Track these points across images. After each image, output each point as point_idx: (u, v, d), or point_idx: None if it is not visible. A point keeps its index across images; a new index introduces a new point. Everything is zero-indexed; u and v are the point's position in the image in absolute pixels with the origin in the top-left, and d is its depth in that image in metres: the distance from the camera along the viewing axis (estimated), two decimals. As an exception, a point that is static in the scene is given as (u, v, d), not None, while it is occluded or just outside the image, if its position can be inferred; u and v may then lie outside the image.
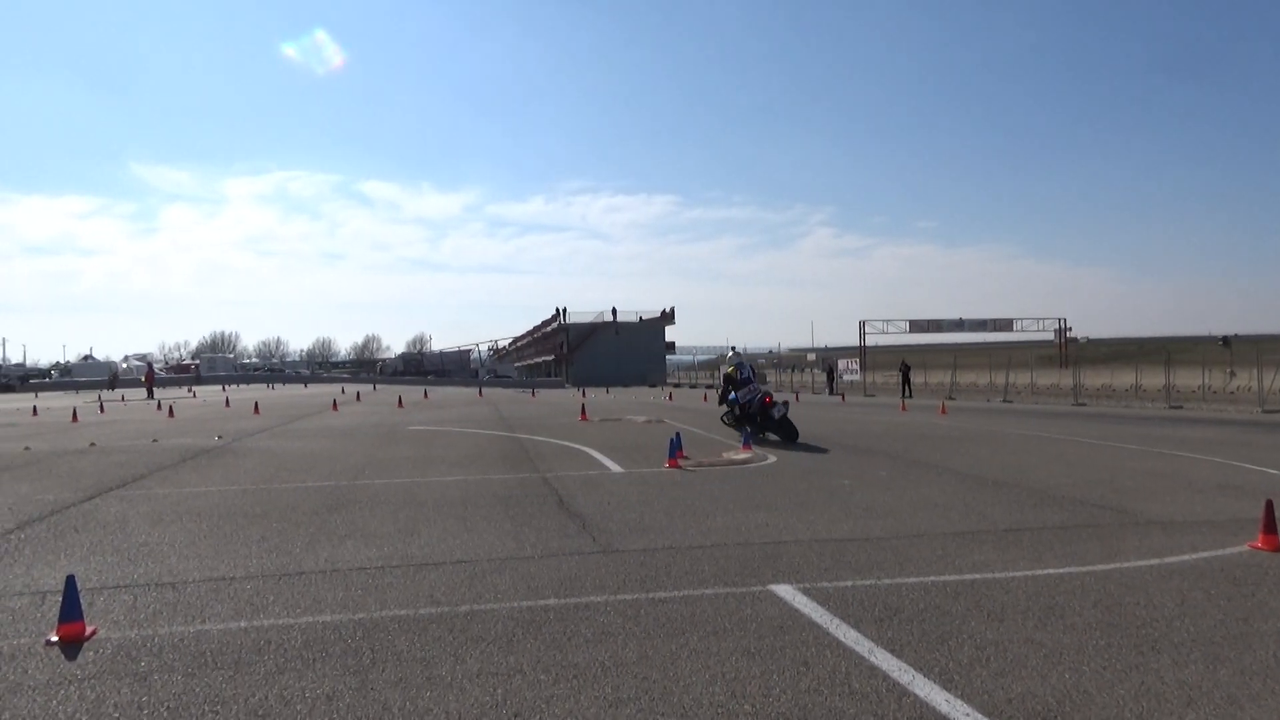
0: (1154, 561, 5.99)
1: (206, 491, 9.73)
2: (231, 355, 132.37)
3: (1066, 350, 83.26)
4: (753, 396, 16.12)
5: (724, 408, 17.42)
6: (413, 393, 48.40)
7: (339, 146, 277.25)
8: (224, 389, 60.72)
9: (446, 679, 3.83)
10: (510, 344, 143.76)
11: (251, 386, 70.98)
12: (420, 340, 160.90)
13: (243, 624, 4.68)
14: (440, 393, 52.39)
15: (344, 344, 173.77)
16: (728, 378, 17.09)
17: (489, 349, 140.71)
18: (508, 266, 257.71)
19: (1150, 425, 20.53)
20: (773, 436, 15.61)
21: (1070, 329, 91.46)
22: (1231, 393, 39.38)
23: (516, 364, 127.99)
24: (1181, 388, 37.34)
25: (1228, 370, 46.91)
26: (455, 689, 3.72)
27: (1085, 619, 4.64)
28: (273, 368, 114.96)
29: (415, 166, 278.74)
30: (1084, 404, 33.75)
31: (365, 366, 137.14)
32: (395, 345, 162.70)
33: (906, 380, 43.47)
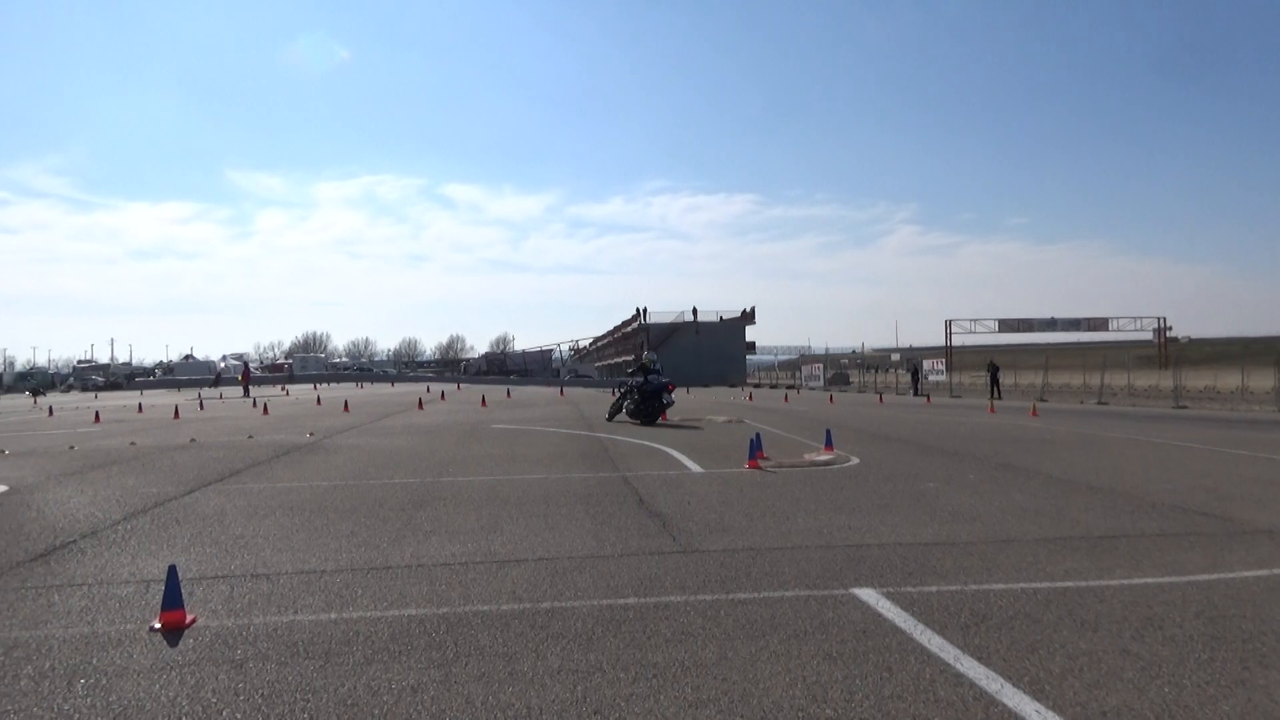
0: (1262, 573, 5.70)
1: (299, 486, 10.05)
2: (322, 355, 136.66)
3: (1166, 350, 79.96)
4: (659, 383, 20.71)
5: (623, 395, 21.33)
6: (495, 392, 49.18)
7: (423, 150, 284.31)
8: (315, 387, 62.72)
9: (528, 674, 3.88)
10: (591, 344, 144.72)
11: (341, 385, 73.14)
12: (503, 340, 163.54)
13: (333, 615, 4.82)
14: (522, 392, 53.13)
15: (429, 344, 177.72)
16: (643, 366, 21.30)
17: (570, 349, 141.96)
18: (588, 267, 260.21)
19: (1257, 429, 19.54)
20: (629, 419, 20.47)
21: (1170, 328, 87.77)
22: (1347, 395, 37.16)
23: (597, 364, 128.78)
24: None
25: (1341, 371, 44.30)
26: (536, 685, 3.76)
27: (1186, 631, 4.45)
28: (361, 367, 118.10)
29: (497, 169, 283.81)
30: (1185, 406, 32.31)
31: (450, 366, 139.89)
32: (479, 345, 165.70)
33: (995, 381, 42.31)
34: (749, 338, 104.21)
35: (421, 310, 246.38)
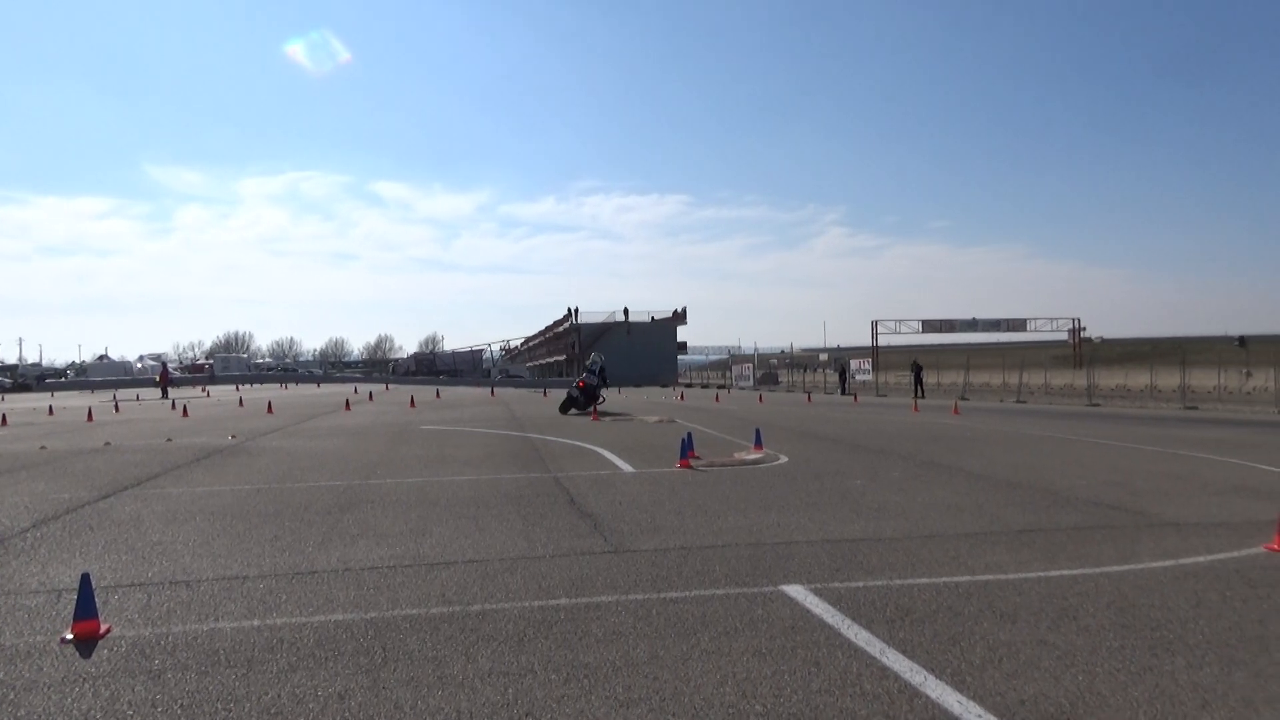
0: (1169, 563, 5.95)
1: (220, 491, 9.78)
2: (245, 355, 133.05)
3: (1080, 350, 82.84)
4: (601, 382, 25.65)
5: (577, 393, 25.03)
6: (425, 392, 48.56)
7: (350, 147, 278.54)
8: (238, 389, 61.10)
9: (458, 678, 3.84)
10: (522, 344, 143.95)
11: (265, 386, 71.36)
12: (432, 340, 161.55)
13: (256, 622, 4.70)
14: (452, 392, 52.56)
15: (357, 344, 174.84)
16: (601, 370, 26.17)
17: (501, 349, 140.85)
18: (519, 266, 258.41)
19: (1165, 426, 20.39)
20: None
21: (1084, 329, 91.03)
22: (1248, 393, 39.06)
23: (528, 364, 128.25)
24: (1197, 388, 37.07)
25: (1244, 370, 46.54)
26: (466, 688, 3.73)
27: (1099, 620, 4.62)
28: (286, 367, 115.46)
29: (426, 167, 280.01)
30: (1098, 404, 33.54)
31: (377, 366, 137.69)
32: (407, 345, 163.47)
33: (919, 380, 43.31)
34: (680, 338, 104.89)
35: (349, 309, 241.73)
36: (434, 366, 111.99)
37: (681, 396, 45.41)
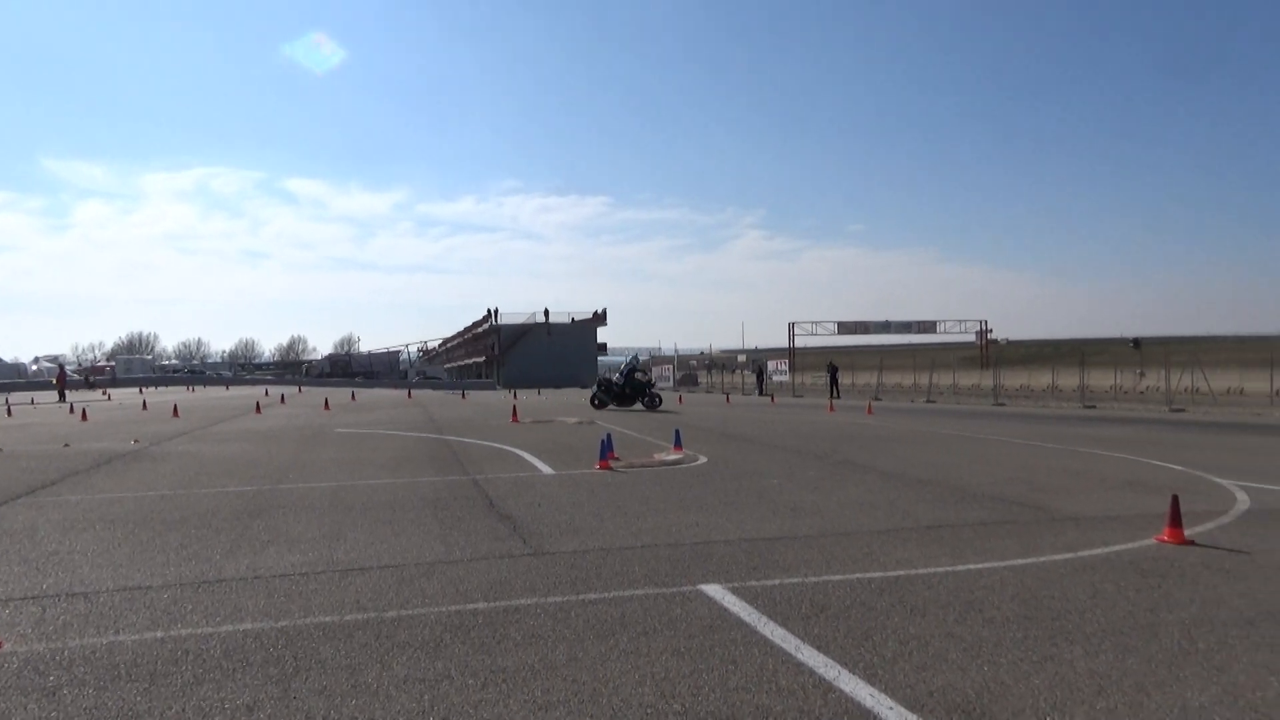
0: (1068, 556, 6.20)
1: (121, 498, 9.40)
2: (149, 357, 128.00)
3: (987, 352, 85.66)
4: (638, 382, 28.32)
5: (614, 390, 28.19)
6: (339, 395, 47.51)
7: (262, 143, 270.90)
8: (141, 391, 58.73)
9: (372, 686, 3.77)
10: (440, 345, 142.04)
11: (170, 389, 68.83)
12: (347, 341, 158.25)
13: (159, 634, 4.53)
14: (368, 395, 51.53)
15: (268, 345, 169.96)
16: (632, 370, 28.51)
17: (418, 350, 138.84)
18: (438, 267, 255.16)
19: (1065, 424, 21.24)
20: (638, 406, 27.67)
21: (991, 331, 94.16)
22: (1141, 392, 40.99)
23: (447, 365, 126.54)
24: (1095, 388, 38.73)
25: (1138, 371, 48.85)
26: (381, 696, 3.66)
27: (1003, 612, 4.78)
28: (193, 369, 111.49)
29: (342, 164, 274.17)
30: (1003, 404, 34.74)
31: (290, 368, 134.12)
32: (321, 346, 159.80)
33: (834, 381, 44.22)
34: (601, 339, 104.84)
35: (260, 310, 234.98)
36: (349, 368, 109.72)
37: (602, 398, 45.37)
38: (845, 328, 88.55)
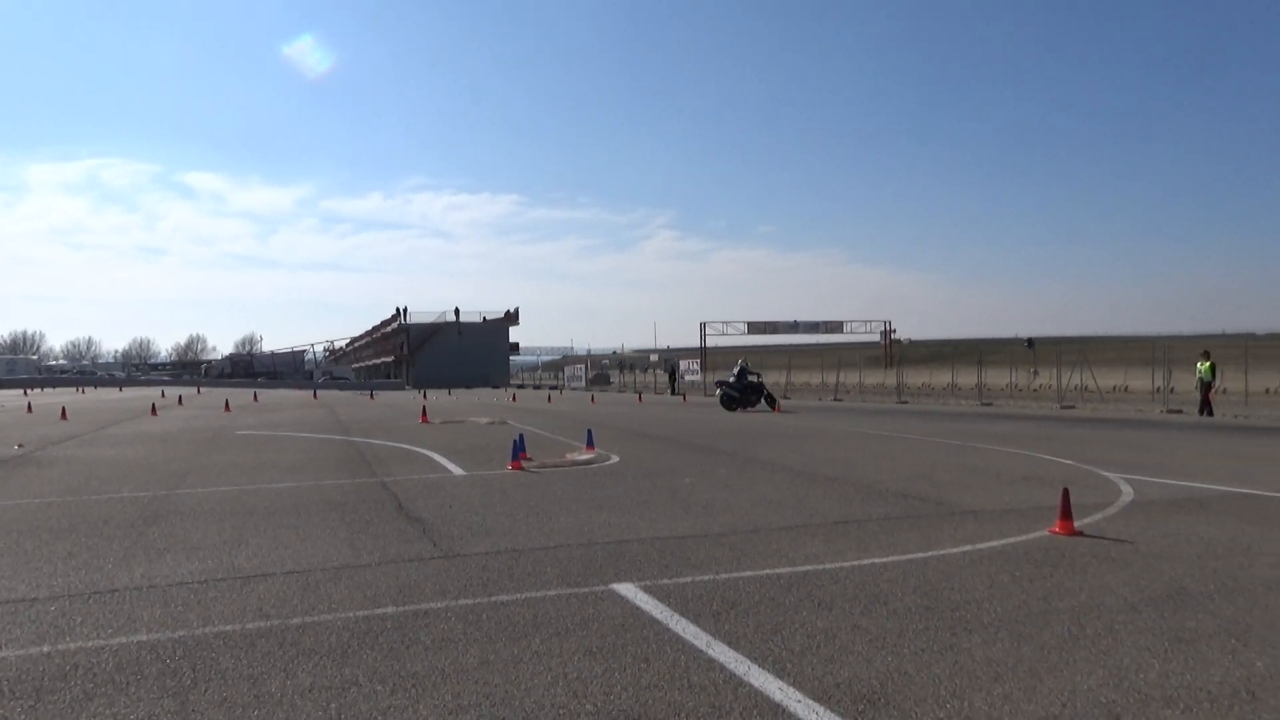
0: (967, 548, 6.43)
1: (4, 505, 8.90)
2: (35, 356, 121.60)
3: (891, 351, 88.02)
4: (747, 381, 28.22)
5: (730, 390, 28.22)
6: (241, 396, 45.99)
7: (158, 134, 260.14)
8: (26, 393, 55.73)
9: (276, 696, 3.67)
10: (347, 345, 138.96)
11: (58, 390, 65.53)
12: (249, 341, 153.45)
13: (45, 649, 4.31)
14: (271, 395, 50.01)
15: (165, 344, 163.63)
16: (744, 370, 28.58)
17: (325, 350, 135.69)
18: (344, 264, 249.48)
19: (964, 421, 22.00)
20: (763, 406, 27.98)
21: (894, 331, 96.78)
22: (1035, 390, 42.77)
23: (354, 365, 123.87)
24: (992, 386, 40.24)
25: (1031, 370, 50.94)
26: (285, 706, 3.56)
27: (906, 604, 4.93)
28: (83, 370, 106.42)
29: (243, 157, 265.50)
30: (906, 402, 35.80)
31: (188, 369, 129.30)
32: (222, 346, 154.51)
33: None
34: (513, 339, 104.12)
35: (156, 308, 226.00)
36: (251, 369, 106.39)
37: (514, 398, 45.09)
38: (755, 328, 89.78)
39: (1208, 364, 24.79)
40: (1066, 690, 3.64)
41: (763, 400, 27.98)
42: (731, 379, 28.45)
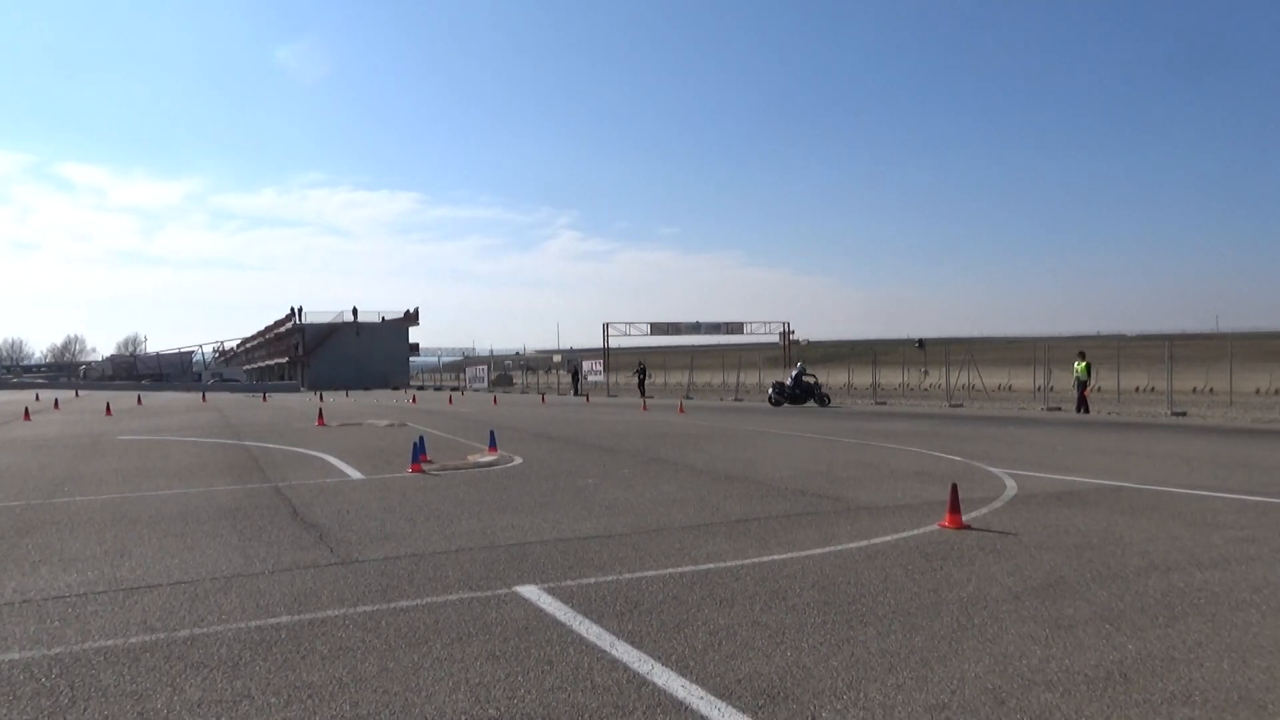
0: (862, 543, 6.62)
1: None
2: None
3: (789, 351, 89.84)
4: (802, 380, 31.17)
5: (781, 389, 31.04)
6: (124, 399, 43.86)
7: (31, 123, 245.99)
8: (-121, 398, 51.91)
9: (162, 712, 3.51)
10: (239, 346, 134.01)
11: (-84, 394, 61.23)
12: (133, 341, 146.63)
13: (-95, 671, 4.03)
14: (157, 398, 47.83)
15: (39, 345, 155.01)
16: (803, 370, 31.63)
17: (214, 351, 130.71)
18: (236, 262, 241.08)
19: (860, 419, 22.63)
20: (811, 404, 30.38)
21: (793, 332, 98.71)
22: (926, 389, 44.32)
23: (246, 367, 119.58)
24: (885, 385, 41.51)
25: (923, 370, 52.77)
26: (173, 722, 3.42)
27: (804, 599, 5.05)
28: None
29: (126, 149, 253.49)
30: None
31: (65, 370, 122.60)
32: (103, 347, 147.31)
33: (642, 380, 45.59)
34: (413, 339, 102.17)
35: (29, 306, 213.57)
36: (135, 370, 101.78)
37: (414, 399, 44.27)
38: (658, 328, 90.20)
39: (1084, 364, 26.10)
40: (955, 678, 3.79)
41: (813, 399, 30.58)
42: (790, 380, 31.51)
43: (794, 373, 31.96)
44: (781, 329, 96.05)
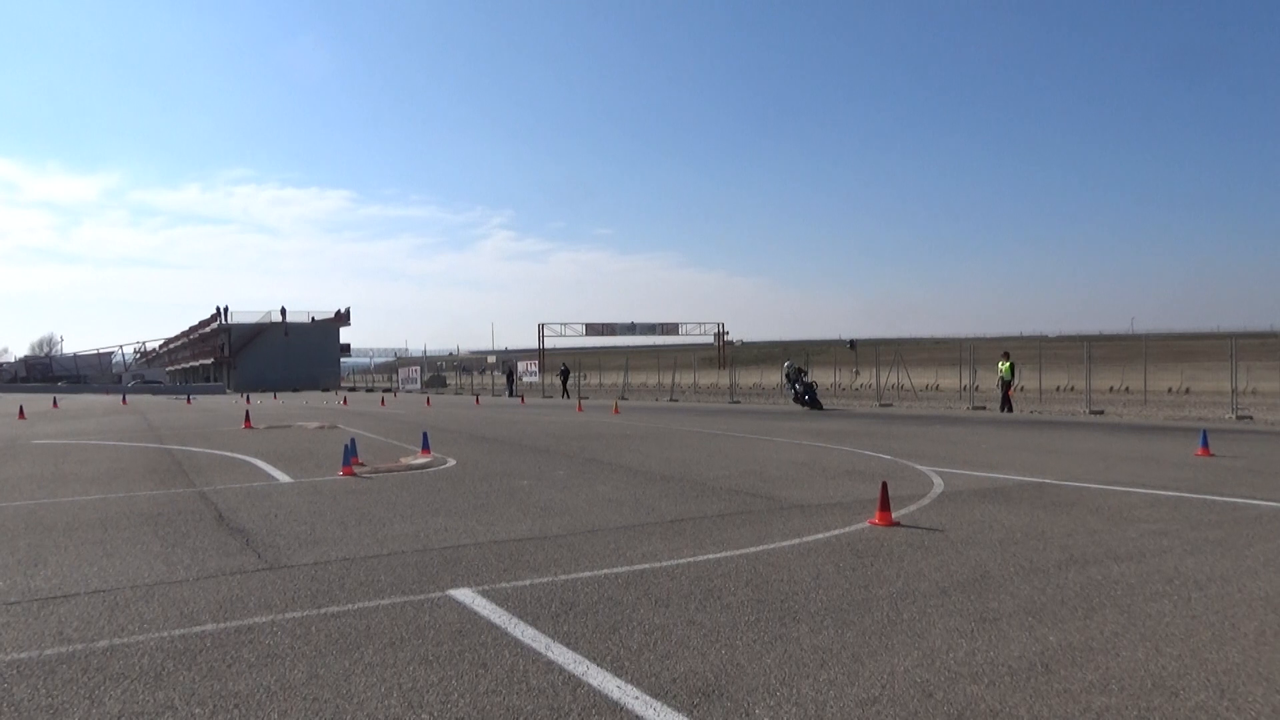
0: (795, 541, 6.71)
1: None
2: None
3: (724, 352, 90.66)
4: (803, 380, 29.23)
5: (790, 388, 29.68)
6: (38, 402, 42.18)
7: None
8: None
9: (80, 725, 3.39)
10: (161, 346, 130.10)
11: None
12: (48, 342, 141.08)
13: None
14: (74, 401, 46.12)
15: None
16: (799, 370, 29.67)
17: (135, 352, 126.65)
18: (158, 260, 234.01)
19: (793, 419, 22.93)
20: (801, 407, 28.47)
21: (727, 333, 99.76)
22: (857, 389, 45.11)
23: (169, 368, 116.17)
24: (818, 385, 42.06)
25: (854, 370, 53.72)
26: (91, 735, 3.30)
27: (738, 598, 5.10)
28: None
29: (38, 141, 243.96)
30: (739, 401, 36.93)
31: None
32: (15, 348, 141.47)
33: (564, 381, 46.09)
34: (344, 339, 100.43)
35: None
36: (50, 372, 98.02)
37: (345, 401, 43.48)
38: (593, 329, 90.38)
39: (1008, 364, 26.86)
40: (886, 672, 3.86)
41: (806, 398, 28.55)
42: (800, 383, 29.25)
43: (791, 374, 29.65)
44: (716, 330, 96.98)
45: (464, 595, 5.20)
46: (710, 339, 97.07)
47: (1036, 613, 4.76)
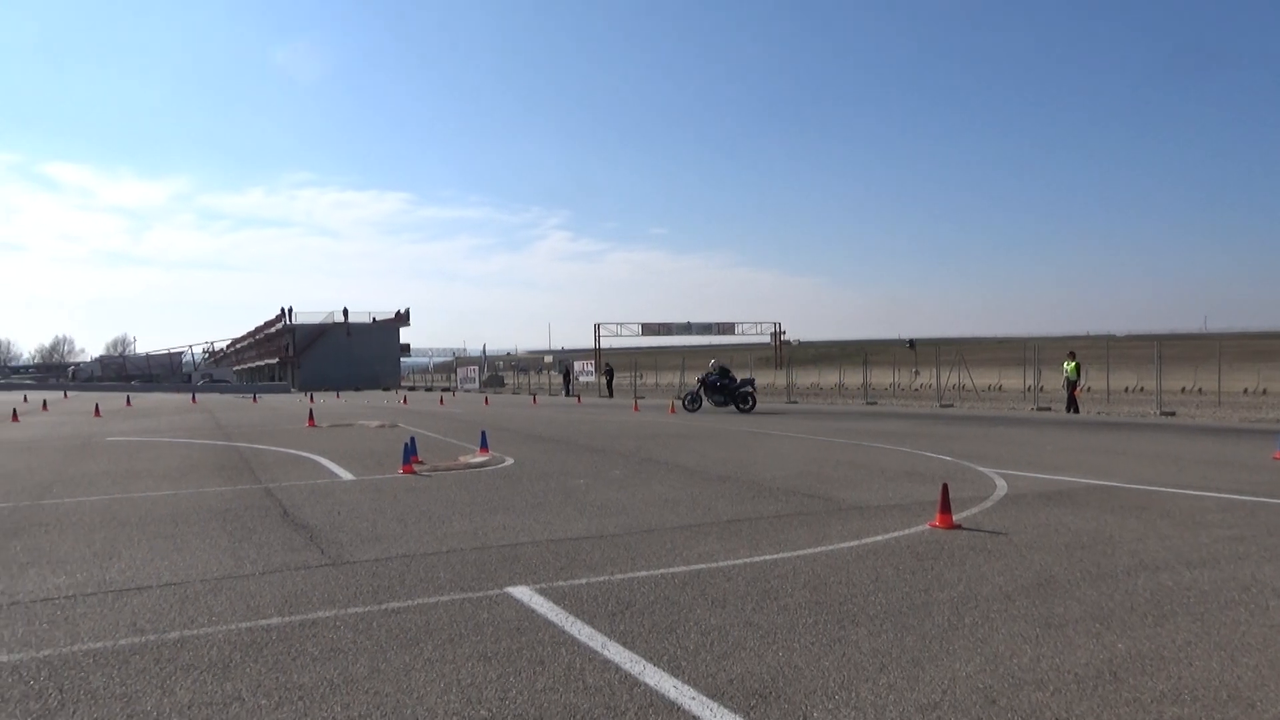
0: (853, 543, 6.63)
1: None
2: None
3: (781, 352, 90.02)
4: (731, 381, 27.13)
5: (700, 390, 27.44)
6: (113, 400, 43.64)
7: (16, 122, 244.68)
8: None
9: (151, 714, 3.50)
10: (228, 346, 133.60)
11: (-97, 396, 60.80)
12: (121, 342, 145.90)
13: (-109, 674, 4.00)
14: (146, 399, 47.63)
15: (27, 346, 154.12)
16: (723, 369, 27.33)
17: (204, 352, 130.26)
18: (224, 263, 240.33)
19: (851, 419, 22.67)
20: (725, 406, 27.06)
21: (784, 332, 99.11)
22: (916, 389, 44.44)
23: (236, 368, 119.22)
24: (876, 385, 41.60)
25: (913, 370, 52.94)
26: (162, 724, 3.40)
27: (796, 599, 5.05)
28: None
29: (113, 149, 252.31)
30: (796, 401, 36.63)
31: (54, 371, 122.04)
32: (91, 348, 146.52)
33: (610, 381, 46.68)
34: (404, 339, 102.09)
35: (16, 308, 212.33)
36: (124, 371, 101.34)
37: (405, 400, 44.19)
38: (649, 329, 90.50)
39: (1073, 364, 26.22)
40: (947, 677, 3.80)
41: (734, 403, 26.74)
42: (719, 381, 27.01)
43: (712, 376, 27.11)
44: (773, 329, 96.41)
45: (522, 593, 5.24)
46: (767, 339, 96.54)
47: (1104, 619, 4.63)
